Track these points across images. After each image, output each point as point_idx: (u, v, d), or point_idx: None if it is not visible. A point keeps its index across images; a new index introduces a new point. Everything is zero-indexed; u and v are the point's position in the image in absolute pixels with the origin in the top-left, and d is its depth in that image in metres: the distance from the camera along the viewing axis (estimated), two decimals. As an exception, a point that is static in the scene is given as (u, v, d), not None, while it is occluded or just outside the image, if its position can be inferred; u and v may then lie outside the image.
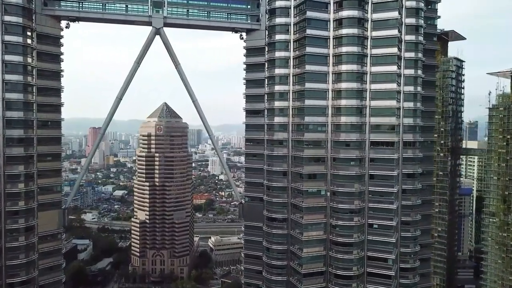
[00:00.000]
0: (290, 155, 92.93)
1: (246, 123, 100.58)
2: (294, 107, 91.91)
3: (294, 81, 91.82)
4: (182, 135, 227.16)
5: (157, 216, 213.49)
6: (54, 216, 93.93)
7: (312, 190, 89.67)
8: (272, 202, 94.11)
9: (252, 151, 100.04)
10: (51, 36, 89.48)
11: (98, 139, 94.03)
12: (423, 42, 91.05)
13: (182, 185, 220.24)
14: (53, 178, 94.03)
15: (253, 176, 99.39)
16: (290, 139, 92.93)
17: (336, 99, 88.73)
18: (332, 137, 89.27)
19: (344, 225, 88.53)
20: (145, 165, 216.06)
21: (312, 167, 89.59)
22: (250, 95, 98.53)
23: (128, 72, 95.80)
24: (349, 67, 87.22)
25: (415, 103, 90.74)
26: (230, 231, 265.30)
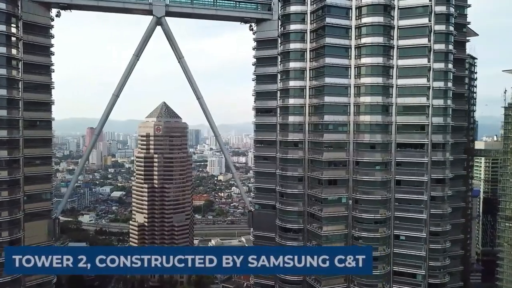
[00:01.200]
0: (307, 158, 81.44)
1: (255, 123, 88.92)
2: (311, 104, 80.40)
3: (312, 75, 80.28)
4: (182, 136, 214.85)
5: (156, 219, 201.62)
6: (43, 227, 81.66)
7: (332, 198, 78.30)
8: (286, 210, 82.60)
9: (262, 154, 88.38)
10: (40, 26, 77.16)
11: (94, 138, 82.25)
12: (454, 32, 79.67)
13: (182, 187, 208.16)
14: (42, 184, 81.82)
15: (263, 181, 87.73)
16: (306, 141, 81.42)
17: (358, 95, 77.41)
18: (354, 138, 77.87)
19: (368, 236, 77.20)
20: (144, 166, 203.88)
21: (332, 172, 78.22)
22: (261, 91, 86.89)
23: (126, 67, 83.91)
24: (374, 60, 75.91)
25: (446, 101, 79.18)
26: (230, 233, 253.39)
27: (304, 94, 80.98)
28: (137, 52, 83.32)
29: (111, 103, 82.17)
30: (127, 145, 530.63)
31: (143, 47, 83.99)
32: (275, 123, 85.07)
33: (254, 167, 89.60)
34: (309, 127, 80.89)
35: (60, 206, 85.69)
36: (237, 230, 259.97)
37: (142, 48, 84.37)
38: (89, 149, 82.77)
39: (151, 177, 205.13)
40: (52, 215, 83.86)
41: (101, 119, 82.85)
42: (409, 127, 77.50)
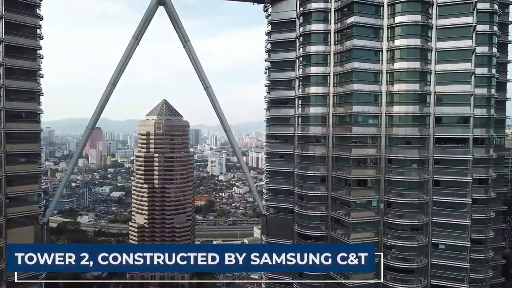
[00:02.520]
0: (331, 155, 69.11)
1: (269, 116, 76.66)
2: (337, 94, 68.12)
3: (337, 60, 68.03)
4: (183, 134, 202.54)
5: (157, 220, 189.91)
6: (29, 234, 69.02)
7: (362, 201, 66.01)
8: (306, 215, 70.24)
9: (276, 151, 75.90)
10: (23, 2, 65.01)
11: (87, 132, 69.66)
12: (498, 11, 67.73)
13: (183, 187, 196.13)
14: (28, 185, 69.36)
15: (278, 181, 75.31)
16: (330, 135, 69.07)
17: (392, 83, 65.12)
18: (386, 132, 65.65)
19: (402, 245, 64.89)
20: (144, 166, 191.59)
21: (361, 171, 65.92)
22: (276, 80, 74.67)
23: (124, 51, 71.53)
24: (410, 42, 63.67)
25: (489, 89, 67.28)
26: (231, 234, 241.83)
27: (328, 81, 68.66)
28: (136, 34, 70.88)
29: (107, 92, 69.72)
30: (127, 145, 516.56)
31: (143, 29, 71.57)
32: (292, 115, 72.87)
33: (268, 165, 77.05)
34: (334, 119, 68.57)
35: (49, 210, 72.92)
36: (239, 231, 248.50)
37: (143, 31, 71.95)
38: (82, 145, 70.38)
39: (152, 177, 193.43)
40: (40, 220, 71.38)
41: (96, 110, 70.28)
42: (450, 119, 65.19)
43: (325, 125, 69.09)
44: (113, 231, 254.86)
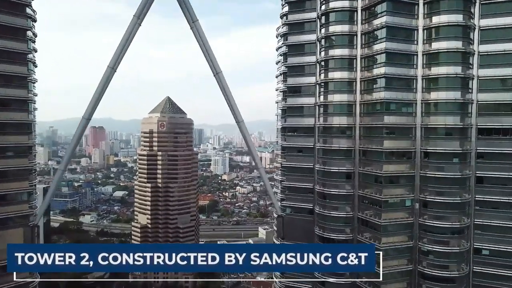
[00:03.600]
0: (357, 149, 59.82)
1: (285, 106, 67.52)
2: (365, 79, 58.80)
3: (364, 41, 58.75)
4: (187, 132, 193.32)
5: (160, 220, 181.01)
6: (18, 237, 59.87)
7: (394, 200, 56.65)
8: (328, 216, 60.87)
9: (294, 144, 66.63)
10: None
11: (83, 124, 60.02)
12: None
13: (187, 186, 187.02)
14: (16, 182, 60.32)
15: (297, 178, 66.01)
16: (357, 126, 59.80)
17: (429, 65, 55.80)
18: (423, 122, 56.35)
19: (440, 250, 55.54)
20: (147, 164, 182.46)
21: (394, 167, 56.59)
22: (294, 65, 65.47)
23: (124, 33, 62.17)
24: (450, 18, 54.29)
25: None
26: (236, 235, 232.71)
27: (354, 65, 59.38)
28: (138, 12, 61.22)
29: (106, 77, 60.18)
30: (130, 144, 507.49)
31: (146, 7, 62.22)
32: (313, 104, 63.64)
33: (284, 161, 67.71)
34: (361, 108, 59.29)
35: (40, 210, 63.53)
36: (243, 231, 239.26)
37: (145, 10, 62.60)
38: (76, 136, 61.00)
39: (155, 176, 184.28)
40: (30, 221, 62.25)
41: (93, 98, 60.70)
42: (495, 107, 55.86)
43: (351, 114, 59.79)
44: (116, 231, 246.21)
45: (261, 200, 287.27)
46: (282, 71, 70.52)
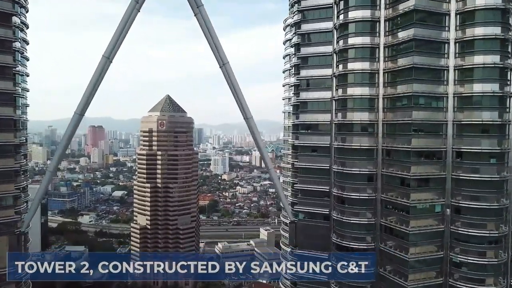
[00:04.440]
0: (380, 148, 52.92)
1: (298, 101, 60.58)
2: (388, 70, 51.93)
3: (388, 28, 51.88)
4: (187, 131, 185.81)
5: (160, 221, 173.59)
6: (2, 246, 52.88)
7: (423, 205, 49.74)
8: (347, 222, 53.94)
9: (308, 143, 59.68)
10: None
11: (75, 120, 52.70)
12: None
13: (187, 186, 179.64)
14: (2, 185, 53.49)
15: (310, 181, 59.14)
16: (380, 122, 52.90)
17: (463, 54, 48.92)
18: (455, 118, 49.48)
19: (475, 262, 48.62)
20: (146, 164, 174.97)
21: (422, 168, 49.68)
22: (308, 56, 58.52)
23: (121, 19, 55.13)
24: (486, 1, 47.45)
25: None
26: (237, 235, 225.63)
27: (377, 55, 52.46)
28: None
29: (101, 68, 53.14)
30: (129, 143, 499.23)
31: (145, -9, 55.16)
32: (329, 98, 56.76)
33: (296, 161, 60.77)
34: (385, 102, 52.37)
35: (28, 216, 56.36)
36: (244, 231, 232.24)
37: (144, -6, 55.56)
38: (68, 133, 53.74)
39: (154, 176, 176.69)
40: (17, 228, 55.25)
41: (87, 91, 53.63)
42: (537, 101, 49.04)
43: (373, 109, 52.86)
44: (115, 231, 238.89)
45: (261, 200, 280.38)
46: (293, 63, 63.74)
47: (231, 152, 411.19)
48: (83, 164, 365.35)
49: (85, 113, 55.49)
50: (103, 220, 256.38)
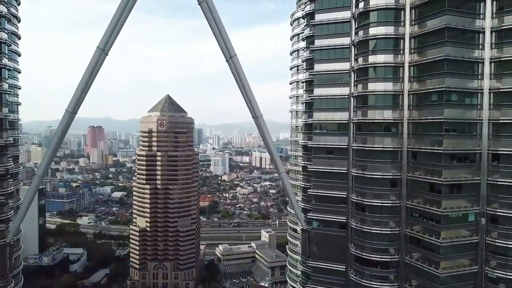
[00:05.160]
0: (406, 149, 46.99)
1: (311, 97, 54.56)
2: (415, 63, 46.04)
3: (414, 16, 45.99)
4: (188, 132, 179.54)
5: (159, 223, 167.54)
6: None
7: (455, 214, 43.80)
8: (368, 232, 47.98)
9: (323, 144, 53.62)
10: None
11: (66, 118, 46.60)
12: None
13: (187, 188, 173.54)
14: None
15: (325, 186, 53.09)
16: (405, 121, 46.96)
17: (500, 46, 43.05)
18: (491, 116, 43.60)
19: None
20: (146, 165, 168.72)
21: (454, 172, 43.75)
22: (323, 48, 52.53)
23: (117, 8, 49.14)
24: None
25: None
26: (237, 237, 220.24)
27: (402, 46, 46.54)
28: (134, -20, 48.59)
29: (95, 61, 47.14)
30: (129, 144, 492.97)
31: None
32: (346, 95, 50.83)
33: (309, 164, 54.80)
34: (411, 99, 46.45)
35: (14, 225, 50.18)
36: (244, 233, 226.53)
37: (143, -20, 49.63)
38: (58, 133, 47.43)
39: (154, 177, 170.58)
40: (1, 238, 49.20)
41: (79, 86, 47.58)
42: None
43: (398, 107, 46.92)
44: (114, 233, 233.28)
45: (262, 201, 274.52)
46: (304, 58, 57.89)
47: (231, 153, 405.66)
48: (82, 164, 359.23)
49: (77, 111, 49.46)
50: (102, 222, 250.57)
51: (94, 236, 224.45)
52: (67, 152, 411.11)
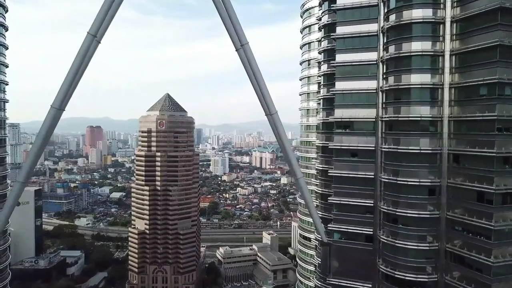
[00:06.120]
0: (446, 152, 39.82)
1: (333, 92, 47.31)
2: (457, 51, 38.90)
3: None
4: (188, 131, 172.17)
5: (159, 225, 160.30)
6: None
7: (508, 229, 36.65)
8: (400, 247, 40.81)
9: (346, 146, 46.37)
10: None
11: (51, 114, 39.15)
12: None
13: (188, 189, 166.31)
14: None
15: (349, 193, 45.86)
16: (446, 119, 39.78)
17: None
18: (551, 114, 36.45)
19: None
20: (145, 166, 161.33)
21: (509, 179, 36.56)
22: (346, 37, 45.34)
23: (111, -12, 41.68)
24: None
25: None
26: (238, 239, 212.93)
27: (441, 32, 39.38)
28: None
29: (85, 47, 39.82)
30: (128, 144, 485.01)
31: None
32: (374, 90, 43.64)
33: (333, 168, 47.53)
34: (453, 93, 39.28)
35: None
36: (245, 235, 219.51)
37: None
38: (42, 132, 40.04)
39: (153, 178, 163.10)
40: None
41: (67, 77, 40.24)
42: None
43: (437, 102, 39.72)
44: (112, 234, 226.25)
45: (262, 202, 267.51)
46: (322, 49, 50.70)
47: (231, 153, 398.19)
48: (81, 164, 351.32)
49: (65, 108, 42.12)
50: (101, 223, 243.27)
51: (92, 238, 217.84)
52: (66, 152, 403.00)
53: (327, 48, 49.21)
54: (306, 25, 70.07)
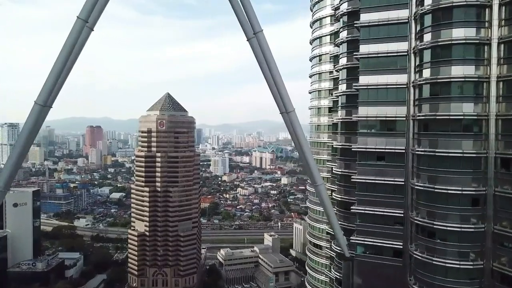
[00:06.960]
0: (493, 156, 33.77)
1: (356, 88, 41.22)
2: (506, 39, 32.88)
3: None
4: (188, 132, 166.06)
5: (159, 227, 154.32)
6: None
7: None
8: (439, 265, 34.75)
9: (370, 148, 40.25)
10: None
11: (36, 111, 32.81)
12: None
13: (188, 190, 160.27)
14: None
15: (374, 201, 39.76)
16: (492, 118, 33.73)
17: None
18: None
19: None
20: (145, 166, 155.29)
21: None
22: (372, 25, 39.27)
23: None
24: None
25: None
26: (239, 240, 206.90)
27: (485, 17, 33.35)
28: None
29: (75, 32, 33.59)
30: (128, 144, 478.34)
31: None
32: (404, 84, 37.56)
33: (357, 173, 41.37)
34: (501, 88, 33.24)
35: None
36: (246, 236, 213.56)
37: None
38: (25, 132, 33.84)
39: (153, 179, 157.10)
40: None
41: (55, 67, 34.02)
42: None
43: (482, 99, 33.68)
44: (112, 236, 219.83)
45: (263, 202, 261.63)
46: (341, 40, 44.58)
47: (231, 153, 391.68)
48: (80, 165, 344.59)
49: (52, 104, 35.88)
50: (100, 224, 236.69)
51: (92, 239, 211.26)
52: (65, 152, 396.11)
53: (347, 39, 43.09)
54: (317, 18, 64.09)
